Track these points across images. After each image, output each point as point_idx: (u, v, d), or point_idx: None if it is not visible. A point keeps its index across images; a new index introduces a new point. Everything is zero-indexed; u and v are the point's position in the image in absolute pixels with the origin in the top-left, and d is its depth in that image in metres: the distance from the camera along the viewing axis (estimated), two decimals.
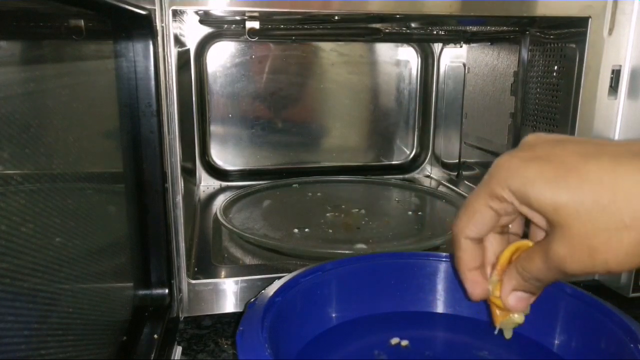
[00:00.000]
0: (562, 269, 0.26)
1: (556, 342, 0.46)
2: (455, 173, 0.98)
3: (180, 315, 0.54)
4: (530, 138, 0.29)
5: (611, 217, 0.24)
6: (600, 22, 0.56)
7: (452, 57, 0.97)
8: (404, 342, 0.46)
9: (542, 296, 0.47)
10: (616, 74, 0.57)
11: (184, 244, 0.53)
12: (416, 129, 1.07)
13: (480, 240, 0.32)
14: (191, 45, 0.87)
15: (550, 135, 0.28)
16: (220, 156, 0.98)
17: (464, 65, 0.92)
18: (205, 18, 0.65)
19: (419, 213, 0.82)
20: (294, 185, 0.94)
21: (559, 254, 0.26)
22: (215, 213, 0.76)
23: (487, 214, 0.29)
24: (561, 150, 0.26)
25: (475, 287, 0.32)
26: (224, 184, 0.98)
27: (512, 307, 0.31)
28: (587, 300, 0.44)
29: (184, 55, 0.76)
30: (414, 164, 1.08)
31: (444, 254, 0.52)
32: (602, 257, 0.24)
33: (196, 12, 0.58)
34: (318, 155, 1.04)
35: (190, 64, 0.87)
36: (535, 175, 0.26)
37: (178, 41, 0.58)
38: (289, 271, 0.48)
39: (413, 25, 0.74)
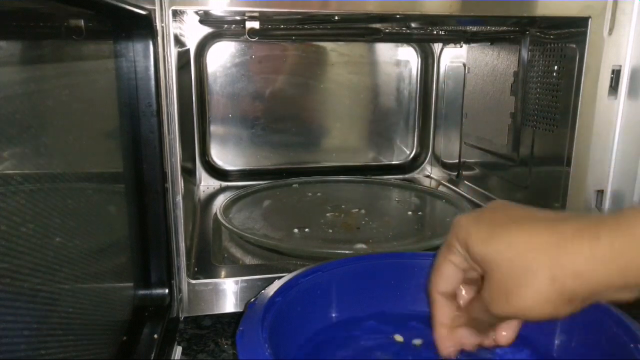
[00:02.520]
0: (489, 309, 0.31)
1: (556, 342, 0.46)
2: (455, 173, 0.98)
3: (180, 315, 0.54)
4: (491, 203, 0.35)
5: (521, 266, 0.29)
6: (600, 22, 0.56)
7: (452, 57, 0.97)
8: (418, 341, 0.47)
9: None
10: (616, 74, 0.57)
11: (184, 244, 0.53)
12: (416, 129, 1.07)
13: (452, 295, 0.36)
14: (191, 45, 0.87)
15: (507, 203, 0.34)
16: (220, 156, 0.98)
17: (464, 65, 0.92)
18: (205, 18, 0.65)
19: (419, 213, 0.82)
20: (294, 185, 0.94)
21: (485, 296, 0.31)
22: (215, 213, 0.76)
23: (449, 267, 0.34)
24: (499, 214, 0.32)
25: (443, 342, 0.36)
26: (224, 184, 0.98)
27: (459, 341, 0.36)
28: None
29: (184, 55, 0.76)
30: (414, 164, 1.08)
31: None
32: (515, 299, 0.29)
33: (196, 12, 0.58)
34: (318, 155, 1.04)
35: (190, 64, 0.87)
36: (474, 232, 0.32)
37: (178, 41, 0.58)
38: (289, 271, 0.48)
39: (413, 25, 0.74)
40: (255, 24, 0.61)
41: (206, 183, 0.97)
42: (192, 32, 0.87)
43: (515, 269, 0.29)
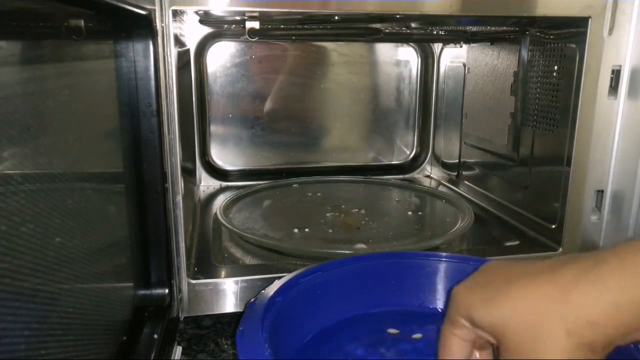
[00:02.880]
0: None
1: None
2: (455, 173, 0.98)
3: (180, 315, 0.54)
4: (483, 267, 0.34)
5: (532, 327, 0.28)
6: (600, 22, 0.56)
7: (452, 57, 0.97)
8: (417, 335, 0.47)
9: None
10: (616, 74, 0.57)
11: (184, 244, 0.53)
12: (416, 129, 1.07)
13: None
14: (191, 45, 0.87)
15: (499, 264, 0.33)
16: (220, 156, 0.98)
17: (464, 65, 0.92)
18: (205, 18, 0.65)
19: (419, 213, 0.82)
20: (294, 185, 0.94)
21: None
22: (215, 213, 0.76)
23: (455, 342, 0.33)
24: (494, 276, 0.31)
25: None
26: (224, 184, 0.98)
27: None
28: None
29: (184, 55, 0.76)
30: (414, 164, 1.08)
31: (444, 254, 0.52)
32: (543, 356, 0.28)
33: (196, 12, 0.58)
34: (318, 155, 1.04)
35: (190, 64, 0.87)
36: (474, 300, 0.31)
37: (178, 41, 0.58)
38: (289, 271, 0.48)
39: (413, 25, 0.74)
40: (255, 24, 0.60)
41: (206, 183, 0.97)
42: (192, 32, 0.87)
43: (527, 331, 0.28)
